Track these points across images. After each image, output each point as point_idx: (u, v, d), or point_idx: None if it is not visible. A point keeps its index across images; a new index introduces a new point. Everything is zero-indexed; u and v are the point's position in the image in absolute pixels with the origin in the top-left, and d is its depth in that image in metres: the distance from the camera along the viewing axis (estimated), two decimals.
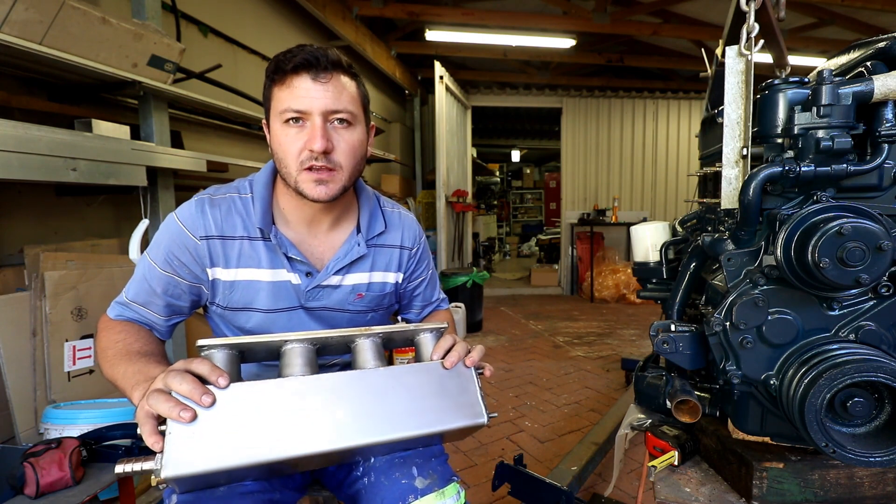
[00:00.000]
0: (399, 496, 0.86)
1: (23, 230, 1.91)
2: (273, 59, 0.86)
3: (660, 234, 1.39)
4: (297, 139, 0.86)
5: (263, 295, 0.95)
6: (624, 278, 6.01)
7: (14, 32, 1.47)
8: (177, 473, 0.62)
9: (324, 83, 0.84)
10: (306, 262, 0.96)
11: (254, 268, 0.94)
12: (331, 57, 0.85)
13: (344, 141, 0.88)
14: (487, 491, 1.90)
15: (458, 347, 0.85)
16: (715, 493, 0.98)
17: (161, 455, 0.63)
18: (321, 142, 0.84)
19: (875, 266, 0.78)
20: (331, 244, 1.01)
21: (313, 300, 0.98)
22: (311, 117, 0.85)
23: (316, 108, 0.84)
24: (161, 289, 0.92)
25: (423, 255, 1.15)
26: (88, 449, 1.24)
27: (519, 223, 13.27)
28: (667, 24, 4.91)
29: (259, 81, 0.94)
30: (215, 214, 0.92)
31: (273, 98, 0.87)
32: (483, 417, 0.80)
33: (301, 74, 0.84)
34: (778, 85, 0.95)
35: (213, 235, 0.92)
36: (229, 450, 0.65)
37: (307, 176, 0.87)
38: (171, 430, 0.64)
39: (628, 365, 3.17)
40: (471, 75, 6.41)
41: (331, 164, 0.87)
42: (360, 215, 1.04)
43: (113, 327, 0.91)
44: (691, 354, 1.03)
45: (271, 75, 0.87)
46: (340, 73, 0.87)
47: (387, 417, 0.74)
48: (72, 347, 1.77)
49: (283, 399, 0.71)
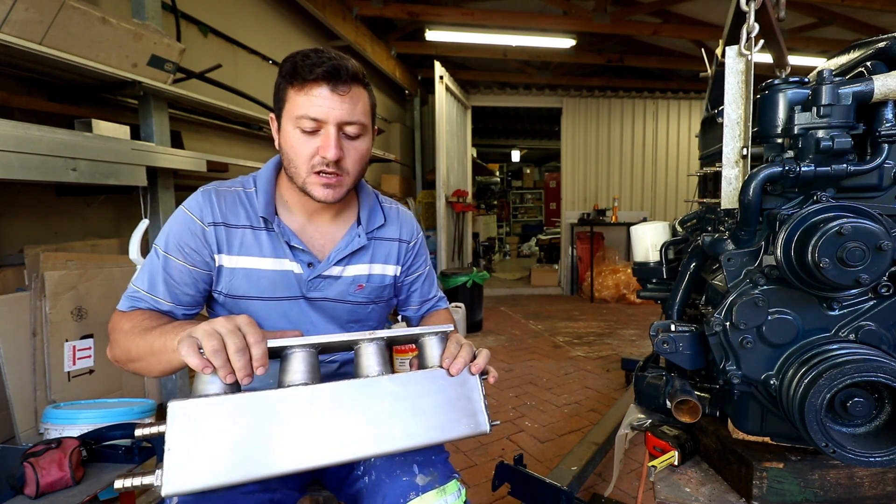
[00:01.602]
0: (400, 493, 0.86)
1: (23, 230, 1.91)
2: (290, 61, 0.88)
3: (660, 234, 1.39)
4: (309, 144, 0.89)
5: (265, 283, 0.97)
6: (624, 278, 6.01)
7: (14, 32, 1.47)
8: (177, 490, 0.62)
9: (342, 95, 0.88)
10: (308, 251, 0.99)
11: (255, 256, 0.96)
12: (350, 70, 0.88)
13: (354, 149, 0.93)
14: (487, 491, 1.90)
15: (464, 353, 0.84)
16: (715, 493, 0.98)
17: (161, 471, 0.62)
18: (334, 151, 0.88)
19: (875, 266, 0.78)
20: (332, 236, 1.03)
21: (314, 290, 1.00)
22: (327, 127, 0.88)
23: (332, 118, 0.88)
24: (173, 277, 0.93)
25: (420, 249, 1.17)
26: (88, 449, 1.24)
27: (519, 223, 13.27)
28: (667, 24, 4.91)
29: (259, 81, 0.95)
30: (220, 203, 0.96)
31: (289, 100, 0.89)
32: (485, 426, 0.80)
33: (321, 84, 0.86)
34: (778, 85, 0.95)
35: (219, 223, 0.95)
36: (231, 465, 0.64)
37: (316, 179, 0.91)
38: (171, 445, 0.63)
39: (628, 365, 3.17)
40: (471, 75, 6.41)
41: (340, 171, 0.91)
42: (361, 209, 1.07)
43: (130, 315, 0.90)
44: (691, 354, 1.03)
45: (289, 77, 0.88)
46: (357, 85, 0.90)
47: (391, 429, 0.74)
48: (72, 347, 1.77)
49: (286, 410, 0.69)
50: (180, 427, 0.64)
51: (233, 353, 0.68)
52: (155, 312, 0.91)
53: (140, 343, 0.83)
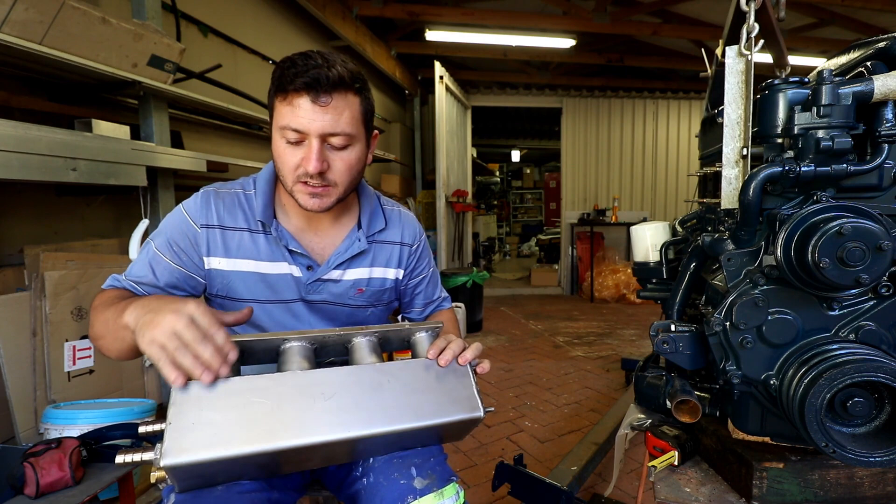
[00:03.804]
0: (398, 496, 0.85)
1: (23, 230, 1.91)
2: (279, 67, 0.86)
3: (660, 234, 1.39)
4: (294, 154, 0.88)
5: (262, 286, 0.97)
6: (624, 278, 6.01)
7: (14, 32, 1.47)
8: (176, 462, 0.63)
9: (323, 106, 0.84)
10: (307, 255, 0.98)
11: (252, 259, 0.96)
12: (332, 77, 0.83)
13: (340, 160, 0.90)
14: (487, 491, 1.90)
15: (453, 346, 0.85)
16: (715, 493, 0.99)
17: (160, 445, 0.64)
18: (316, 164, 0.86)
19: (875, 266, 0.78)
20: (332, 239, 1.03)
21: (314, 293, 1.00)
22: (309, 138, 0.86)
23: (314, 130, 0.85)
24: (160, 273, 0.93)
25: (423, 252, 1.17)
26: (88, 449, 1.24)
27: (519, 223, 13.27)
28: (667, 24, 4.90)
29: (259, 81, 0.95)
30: (218, 205, 0.96)
31: (275, 109, 0.89)
32: (479, 411, 0.81)
33: (302, 95, 0.83)
34: (778, 85, 0.95)
35: (214, 225, 0.95)
36: (228, 440, 0.66)
37: (302, 188, 0.90)
38: (172, 420, 0.66)
39: (628, 365, 3.17)
40: (471, 75, 6.41)
41: (325, 181, 0.89)
42: (361, 212, 1.07)
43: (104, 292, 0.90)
44: (691, 354, 1.04)
45: (275, 86, 0.87)
46: (344, 92, 0.86)
47: (383, 410, 0.76)
48: (72, 347, 1.77)
49: (281, 392, 0.72)
50: (181, 405, 0.67)
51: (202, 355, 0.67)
52: (125, 291, 0.91)
53: (100, 318, 0.83)
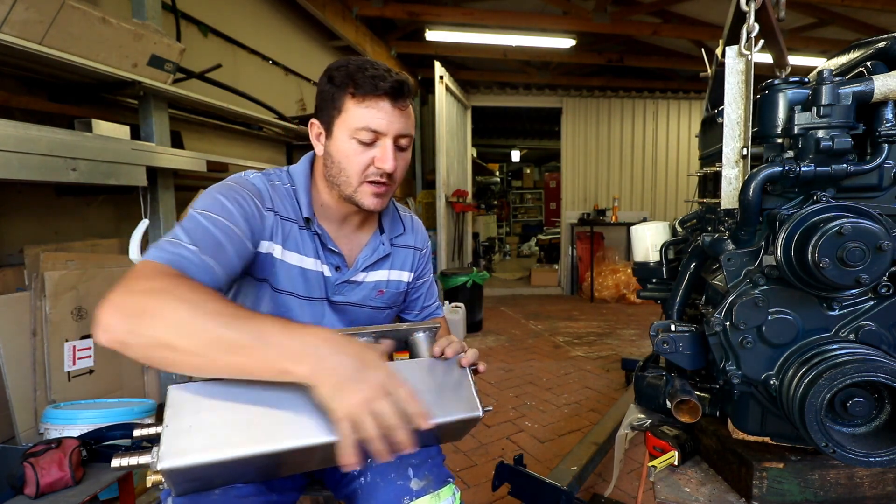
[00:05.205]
0: (394, 498, 0.86)
1: (23, 230, 1.91)
2: (346, 71, 0.89)
3: (660, 234, 1.39)
4: (365, 155, 0.91)
5: (300, 281, 0.97)
6: (624, 278, 6.01)
7: (14, 32, 1.46)
8: (173, 465, 0.62)
9: (401, 110, 0.92)
10: (342, 254, 1.00)
11: (300, 253, 0.97)
12: (408, 86, 0.92)
13: (402, 160, 0.96)
14: (487, 491, 1.89)
15: (455, 345, 0.87)
16: (715, 493, 0.98)
17: (157, 448, 0.63)
18: (391, 163, 0.91)
19: (875, 266, 0.78)
20: (357, 242, 1.05)
21: (339, 294, 1.02)
22: (385, 139, 0.91)
23: (392, 131, 0.91)
24: (220, 239, 0.80)
25: (428, 256, 1.20)
26: (88, 449, 1.25)
27: (519, 223, 13.26)
28: (667, 24, 4.90)
29: (259, 81, 0.95)
30: (274, 193, 0.96)
31: (346, 110, 0.90)
32: (478, 410, 0.81)
33: (384, 99, 0.89)
34: (778, 85, 0.95)
35: (276, 211, 0.94)
36: (225, 443, 0.66)
37: (368, 188, 0.93)
38: (168, 423, 0.65)
39: (628, 365, 3.17)
40: (471, 75, 6.40)
41: (390, 181, 0.95)
42: (383, 217, 1.10)
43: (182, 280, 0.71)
44: (691, 354, 1.03)
45: (347, 88, 0.89)
46: (410, 99, 0.95)
47: None
48: (72, 347, 1.77)
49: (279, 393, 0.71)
50: (178, 407, 0.66)
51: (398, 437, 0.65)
52: (220, 294, 0.73)
53: (186, 325, 0.64)
